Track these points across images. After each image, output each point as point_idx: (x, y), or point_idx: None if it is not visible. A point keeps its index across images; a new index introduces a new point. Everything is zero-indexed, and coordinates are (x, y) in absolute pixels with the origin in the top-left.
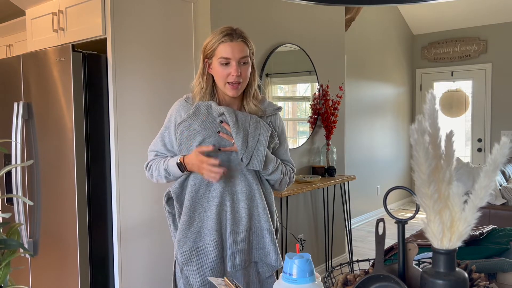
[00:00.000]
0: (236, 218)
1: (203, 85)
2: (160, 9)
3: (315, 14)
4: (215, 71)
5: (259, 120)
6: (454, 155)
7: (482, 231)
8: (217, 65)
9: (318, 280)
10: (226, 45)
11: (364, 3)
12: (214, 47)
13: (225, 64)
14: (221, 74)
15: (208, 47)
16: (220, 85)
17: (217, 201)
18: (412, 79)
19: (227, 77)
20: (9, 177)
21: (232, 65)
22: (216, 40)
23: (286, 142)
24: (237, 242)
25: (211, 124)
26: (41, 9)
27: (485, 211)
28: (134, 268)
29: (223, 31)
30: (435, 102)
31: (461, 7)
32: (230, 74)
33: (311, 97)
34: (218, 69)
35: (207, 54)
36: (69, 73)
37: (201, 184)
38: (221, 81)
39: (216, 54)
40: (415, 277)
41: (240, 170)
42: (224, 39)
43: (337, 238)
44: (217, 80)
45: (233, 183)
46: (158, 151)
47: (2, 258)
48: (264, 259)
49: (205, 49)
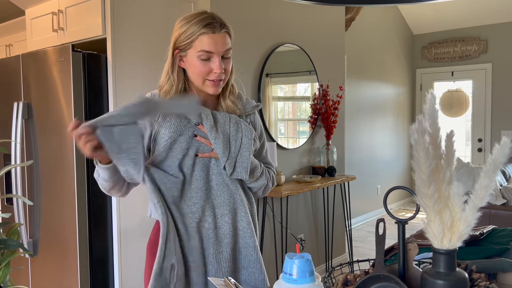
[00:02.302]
0: (219, 235)
1: (174, 81)
2: (160, 9)
3: (315, 14)
4: (191, 65)
5: (239, 121)
6: (455, 155)
7: (483, 231)
8: (194, 59)
9: (318, 280)
10: (208, 37)
11: (364, 3)
12: (191, 39)
13: (205, 59)
14: (200, 70)
15: (182, 38)
16: (197, 82)
17: (197, 217)
18: (412, 79)
19: (208, 73)
20: (9, 177)
21: (214, 61)
22: (194, 31)
23: (265, 143)
24: (220, 264)
25: (185, 126)
26: (41, 9)
27: (485, 211)
28: (134, 268)
29: (202, 19)
30: (435, 102)
31: (461, 7)
32: (212, 70)
33: (311, 97)
34: (197, 64)
35: (180, 46)
36: (69, 73)
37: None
38: (199, 78)
39: (193, 46)
40: (415, 277)
41: (221, 179)
42: (205, 30)
43: (337, 238)
44: (193, 76)
45: (214, 194)
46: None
47: (2, 258)
48: (248, 280)
49: (178, 40)
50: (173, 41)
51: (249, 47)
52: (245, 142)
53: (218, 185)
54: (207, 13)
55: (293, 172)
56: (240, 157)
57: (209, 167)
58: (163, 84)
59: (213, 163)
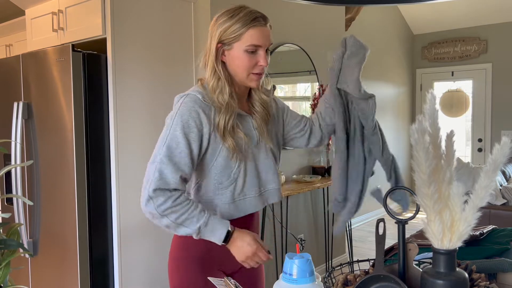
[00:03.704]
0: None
1: (221, 74)
2: (160, 9)
3: (315, 14)
4: (236, 59)
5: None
6: (455, 155)
7: (482, 231)
8: (241, 52)
9: (318, 280)
10: (257, 31)
11: (364, 3)
12: (240, 32)
13: (252, 52)
14: (246, 63)
15: (229, 32)
16: (241, 75)
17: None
18: (412, 79)
19: (253, 67)
20: (9, 177)
21: (260, 54)
22: (243, 24)
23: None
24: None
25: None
26: (41, 9)
27: (485, 211)
28: (134, 268)
29: (248, 13)
30: (435, 102)
31: (461, 7)
32: (258, 63)
33: (311, 97)
34: (243, 58)
35: (226, 40)
36: (69, 73)
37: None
38: (244, 71)
39: (242, 39)
40: (415, 277)
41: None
42: (254, 24)
43: (337, 238)
44: (238, 69)
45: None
46: (185, 172)
47: (2, 258)
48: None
49: (224, 34)
50: (218, 36)
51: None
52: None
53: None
54: (248, 7)
55: (293, 172)
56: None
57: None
58: (209, 79)
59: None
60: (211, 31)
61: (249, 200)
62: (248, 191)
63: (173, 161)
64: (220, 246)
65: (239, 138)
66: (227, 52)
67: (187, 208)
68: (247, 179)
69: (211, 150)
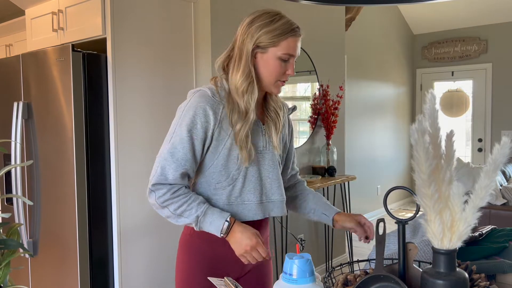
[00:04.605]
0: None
1: (254, 78)
2: (160, 9)
3: (315, 14)
4: (268, 64)
5: None
6: (455, 155)
7: (482, 231)
8: (274, 58)
9: (318, 280)
10: (294, 41)
11: (364, 3)
12: (279, 38)
13: (284, 61)
14: (277, 70)
15: (268, 36)
16: (269, 80)
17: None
18: (412, 79)
19: (282, 74)
20: (9, 177)
21: (291, 63)
22: (283, 31)
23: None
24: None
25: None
26: (41, 9)
27: (485, 211)
28: (134, 268)
29: (287, 22)
30: (435, 102)
31: (461, 7)
32: (287, 72)
33: (311, 97)
34: (275, 64)
35: (262, 44)
36: (69, 73)
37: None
38: (272, 78)
39: (279, 46)
40: (415, 277)
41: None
42: (293, 33)
43: (337, 238)
44: (267, 74)
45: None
46: (186, 168)
47: (2, 258)
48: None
49: (263, 37)
50: (255, 38)
51: None
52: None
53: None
54: (285, 16)
55: None
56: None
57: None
58: (239, 82)
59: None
60: (244, 32)
61: (248, 206)
62: (247, 196)
63: (175, 157)
64: (226, 250)
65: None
66: (260, 55)
67: (186, 199)
68: (247, 183)
69: (213, 148)
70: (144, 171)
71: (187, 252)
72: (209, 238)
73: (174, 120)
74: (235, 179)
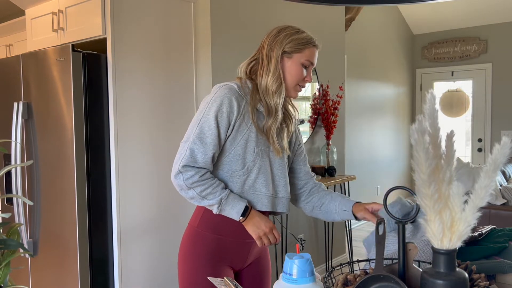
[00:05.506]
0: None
1: (282, 80)
2: (160, 9)
3: (315, 14)
4: (292, 68)
5: None
6: (455, 155)
7: (481, 231)
8: (297, 64)
9: (318, 280)
10: (315, 51)
11: (364, 3)
12: (305, 46)
13: (305, 67)
14: (299, 74)
15: (295, 43)
16: (291, 83)
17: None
18: (412, 79)
19: (301, 79)
20: (9, 177)
21: (309, 71)
22: (307, 41)
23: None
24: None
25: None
26: (41, 9)
27: (485, 211)
28: (134, 268)
29: (308, 35)
30: (435, 102)
31: (461, 7)
32: (305, 78)
33: (311, 97)
34: (298, 69)
35: (289, 49)
36: (69, 73)
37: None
38: (295, 81)
39: (303, 53)
40: (415, 277)
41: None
42: (315, 44)
43: (337, 238)
44: (290, 77)
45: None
46: (213, 152)
47: (2, 258)
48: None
49: (291, 43)
50: (284, 44)
51: (248, 47)
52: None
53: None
54: (307, 32)
55: None
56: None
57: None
58: (270, 83)
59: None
60: (272, 40)
61: (260, 197)
62: (260, 188)
63: (204, 142)
64: (230, 243)
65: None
66: (286, 59)
67: (211, 183)
68: (260, 176)
69: (231, 137)
70: (144, 171)
71: (191, 244)
72: (215, 231)
73: (199, 109)
74: (250, 170)
